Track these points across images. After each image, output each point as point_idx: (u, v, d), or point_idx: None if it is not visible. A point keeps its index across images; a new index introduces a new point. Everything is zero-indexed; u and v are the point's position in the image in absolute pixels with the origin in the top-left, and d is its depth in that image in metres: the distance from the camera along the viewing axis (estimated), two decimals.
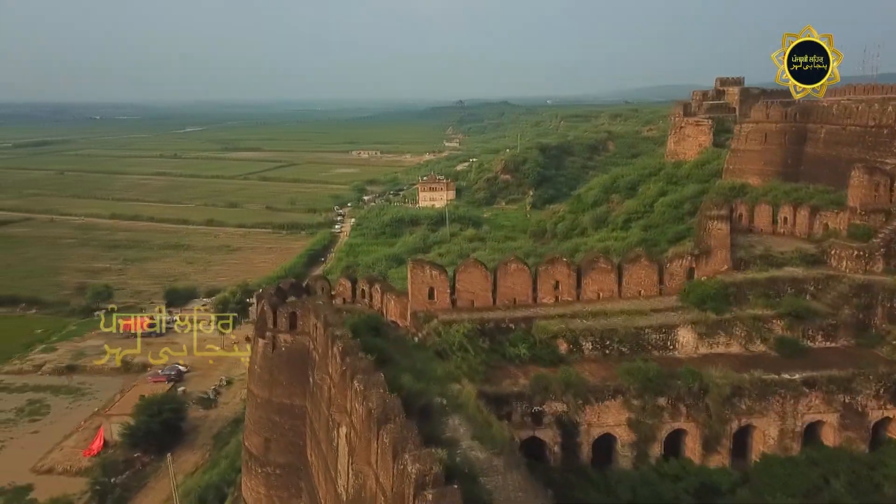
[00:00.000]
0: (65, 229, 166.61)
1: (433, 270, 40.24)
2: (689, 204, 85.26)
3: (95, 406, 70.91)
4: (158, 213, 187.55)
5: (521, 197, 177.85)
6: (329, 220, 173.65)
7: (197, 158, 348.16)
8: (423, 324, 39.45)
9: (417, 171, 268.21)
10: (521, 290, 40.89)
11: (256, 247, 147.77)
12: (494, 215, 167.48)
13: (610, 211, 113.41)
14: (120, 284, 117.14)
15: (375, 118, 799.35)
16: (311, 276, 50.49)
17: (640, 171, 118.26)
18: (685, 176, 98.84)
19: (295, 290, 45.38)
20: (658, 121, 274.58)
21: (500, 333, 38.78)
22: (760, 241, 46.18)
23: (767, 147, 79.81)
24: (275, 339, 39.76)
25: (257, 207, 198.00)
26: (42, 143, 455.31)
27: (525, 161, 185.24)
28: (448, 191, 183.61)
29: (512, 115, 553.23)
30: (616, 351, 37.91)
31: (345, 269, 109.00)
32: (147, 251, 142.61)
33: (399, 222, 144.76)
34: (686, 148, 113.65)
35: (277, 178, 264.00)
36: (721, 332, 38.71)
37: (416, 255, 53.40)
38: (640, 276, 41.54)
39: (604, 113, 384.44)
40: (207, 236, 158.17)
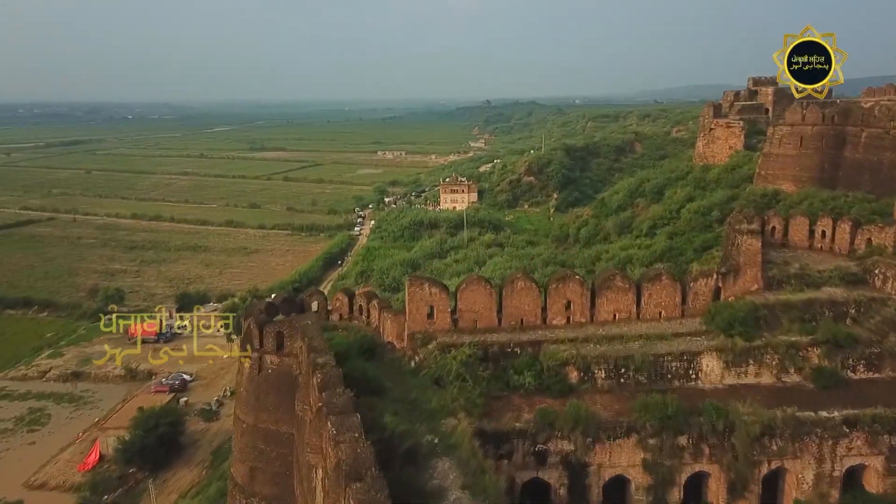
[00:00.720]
0: (87, 229, 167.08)
1: (433, 288, 37.06)
2: (717, 211, 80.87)
3: (97, 416, 69.07)
4: (180, 213, 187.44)
5: (545, 199, 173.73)
6: (349, 221, 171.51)
7: (223, 158, 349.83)
8: (421, 346, 36.36)
9: (441, 171, 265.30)
10: (528, 310, 37.53)
11: (274, 249, 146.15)
12: (517, 218, 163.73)
13: (635, 216, 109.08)
14: (135, 287, 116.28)
15: (403, 118, 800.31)
16: (307, 291, 47.67)
17: (667, 174, 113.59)
18: (714, 181, 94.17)
19: (287, 306, 42.69)
20: (688, 121, 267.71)
21: (504, 358, 35.50)
22: (796, 257, 42.13)
23: (803, 151, 75.02)
24: (261, 361, 37.08)
25: (278, 208, 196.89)
26: (74, 143, 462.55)
27: (549, 163, 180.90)
28: (470, 193, 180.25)
29: (540, 115, 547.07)
30: (632, 380, 34.37)
31: (358, 274, 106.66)
32: (165, 252, 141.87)
33: (418, 225, 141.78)
34: (716, 151, 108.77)
35: (301, 178, 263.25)
36: (750, 360, 34.92)
37: (416, 273, 49.99)
38: (660, 296, 37.84)
39: (632, 113, 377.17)
40: (226, 237, 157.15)
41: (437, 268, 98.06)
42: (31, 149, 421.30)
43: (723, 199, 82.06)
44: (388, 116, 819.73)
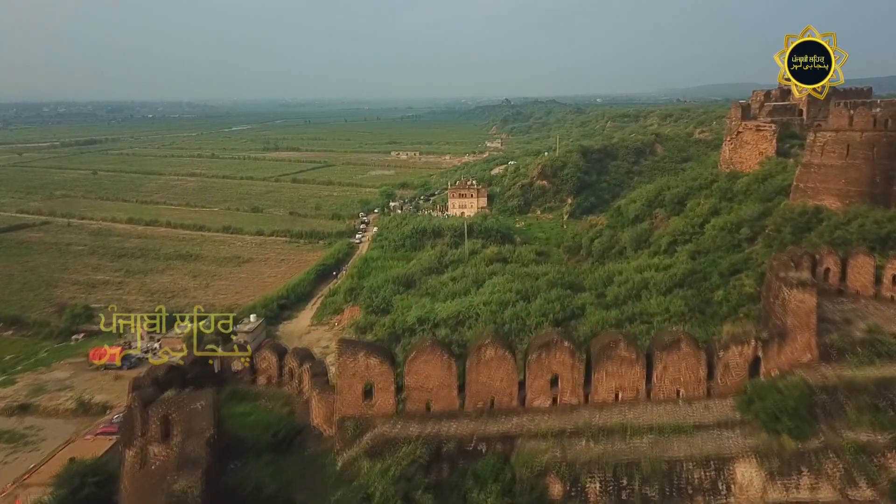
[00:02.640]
0: (79, 235, 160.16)
1: (370, 359, 27.72)
2: (747, 228, 70.68)
3: (35, 459, 60.89)
4: (178, 217, 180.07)
5: (559, 205, 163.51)
6: (352, 228, 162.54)
7: (234, 159, 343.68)
8: (353, 438, 27.14)
9: (453, 173, 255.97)
10: (501, 388, 28.11)
11: (269, 258, 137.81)
12: (528, 226, 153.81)
13: (653, 228, 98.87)
14: (113, 300, 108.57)
15: (422, 117, 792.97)
16: (228, 345, 38.40)
17: (690, 182, 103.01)
18: (743, 191, 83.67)
19: (196, 372, 33.75)
20: (711, 122, 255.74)
21: (463, 459, 26.08)
22: (859, 312, 32.25)
23: (850, 162, 64.50)
24: (144, 452, 28.18)
25: (281, 212, 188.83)
26: (89, 143, 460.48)
27: (564, 166, 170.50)
28: (479, 198, 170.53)
29: (559, 114, 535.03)
30: (638, 496, 24.87)
31: (347, 291, 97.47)
32: (154, 261, 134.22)
33: (420, 234, 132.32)
34: (744, 156, 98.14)
35: (310, 180, 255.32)
36: (804, 468, 25.24)
37: (346, 339, 40.55)
38: (679, 369, 28.23)
39: (653, 113, 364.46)
40: (221, 245, 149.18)
41: (431, 286, 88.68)
42: (46, 148, 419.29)
43: (753, 215, 71.75)
44: (407, 115, 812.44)
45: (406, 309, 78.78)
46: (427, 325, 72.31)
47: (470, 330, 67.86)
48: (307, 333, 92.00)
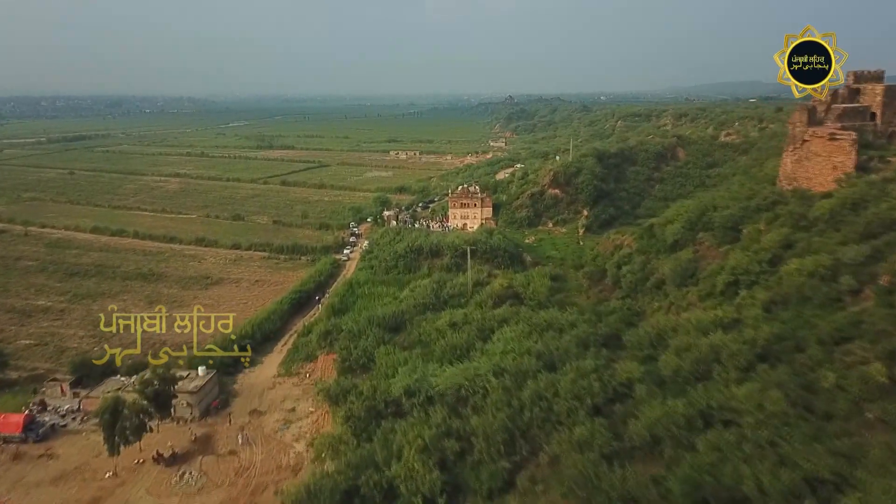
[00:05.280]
0: (33, 247, 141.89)
1: None
2: (850, 277, 52.39)
3: None
4: (149, 226, 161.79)
5: (573, 217, 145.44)
6: (339, 241, 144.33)
7: (224, 158, 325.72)
8: None
9: (454, 176, 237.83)
10: None
11: (243, 278, 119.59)
12: (539, 241, 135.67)
13: (699, 258, 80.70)
14: (44, 338, 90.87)
15: (424, 114, 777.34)
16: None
17: (743, 202, 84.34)
18: (825, 219, 65.24)
19: None
20: (733, 122, 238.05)
21: None
22: None
23: None
24: None
25: (264, 220, 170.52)
26: (77, 138, 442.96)
27: (579, 172, 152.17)
28: (483, 207, 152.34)
29: (564, 112, 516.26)
30: None
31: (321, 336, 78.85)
32: (109, 282, 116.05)
33: (416, 253, 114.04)
34: (812, 171, 79.80)
35: (300, 182, 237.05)
36: None
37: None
38: None
39: (666, 112, 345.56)
40: (191, 261, 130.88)
41: (425, 332, 70.53)
42: (31, 144, 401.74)
43: (857, 258, 53.46)
44: (408, 112, 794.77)
45: (391, 369, 60.85)
46: (417, 400, 54.39)
47: (476, 414, 49.99)
48: (271, 388, 73.94)
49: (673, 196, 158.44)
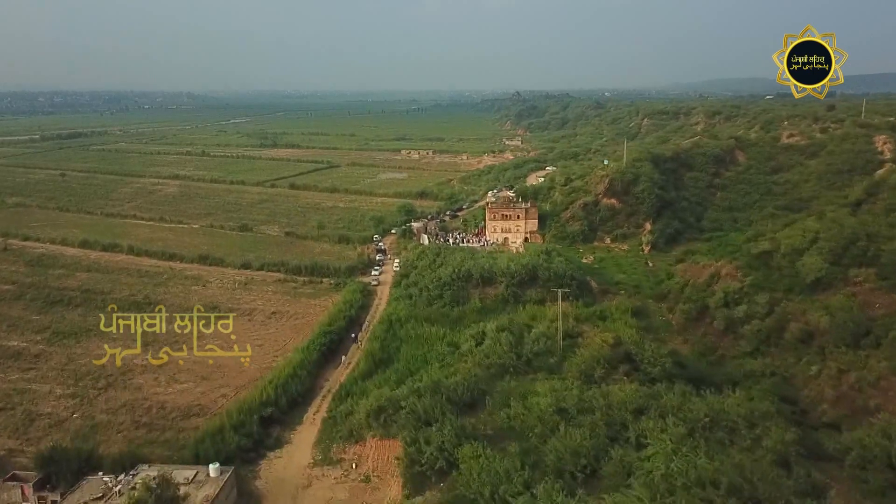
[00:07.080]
0: (12, 265, 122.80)
1: None
2: None
3: None
4: (146, 238, 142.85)
5: (634, 231, 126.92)
6: (364, 259, 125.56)
7: (227, 157, 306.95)
8: None
9: (478, 178, 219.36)
10: None
11: (255, 308, 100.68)
12: (600, 261, 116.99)
13: (863, 305, 61.98)
14: (10, 400, 72.36)
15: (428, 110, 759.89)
16: None
17: None
18: None
19: None
20: (781, 121, 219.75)
21: None
22: None
23: None
24: None
25: (275, 232, 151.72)
26: (73, 136, 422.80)
27: (636, 179, 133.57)
28: (528, 220, 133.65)
29: (577, 109, 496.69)
30: None
31: (374, 413, 59.80)
32: (97, 313, 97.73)
33: (464, 280, 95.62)
34: None
35: (310, 185, 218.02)
36: None
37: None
38: None
39: (695, 110, 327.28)
40: (194, 284, 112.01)
41: (517, 418, 51.45)
42: (24, 142, 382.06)
43: None
44: (411, 108, 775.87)
45: (486, 487, 41.79)
46: None
47: None
48: (307, 486, 54.73)
49: (739, 206, 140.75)
